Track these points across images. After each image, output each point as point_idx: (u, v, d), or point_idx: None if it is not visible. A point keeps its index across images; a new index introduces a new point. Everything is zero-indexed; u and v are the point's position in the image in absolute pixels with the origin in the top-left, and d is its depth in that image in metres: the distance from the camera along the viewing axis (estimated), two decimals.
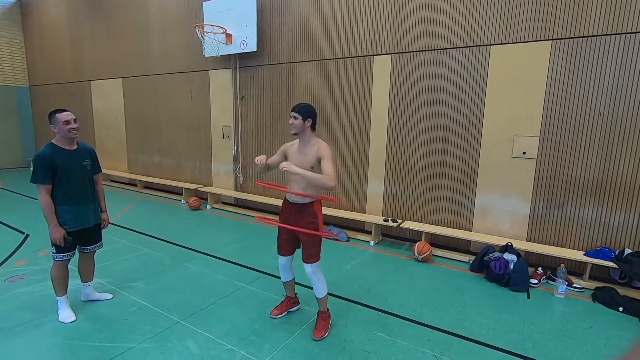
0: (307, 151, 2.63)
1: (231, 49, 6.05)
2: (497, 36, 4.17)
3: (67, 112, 2.81)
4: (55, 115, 2.76)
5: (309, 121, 2.61)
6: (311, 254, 2.71)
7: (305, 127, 2.61)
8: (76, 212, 2.84)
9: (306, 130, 2.63)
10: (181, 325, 2.87)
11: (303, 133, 2.64)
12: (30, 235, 4.86)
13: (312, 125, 2.65)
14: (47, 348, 2.56)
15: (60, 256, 2.82)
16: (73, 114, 2.82)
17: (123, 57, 8.21)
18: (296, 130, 2.62)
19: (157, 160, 8.11)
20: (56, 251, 2.80)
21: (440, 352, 2.62)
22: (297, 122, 2.59)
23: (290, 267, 2.94)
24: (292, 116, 2.61)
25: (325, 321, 2.84)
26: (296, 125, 2.60)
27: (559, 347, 2.72)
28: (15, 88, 10.71)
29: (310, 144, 2.64)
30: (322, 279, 2.79)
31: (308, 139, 2.65)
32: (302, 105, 2.64)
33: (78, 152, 2.89)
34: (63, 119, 2.75)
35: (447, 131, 4.60)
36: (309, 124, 2.62)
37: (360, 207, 5.43)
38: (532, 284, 3.73)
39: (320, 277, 2.78)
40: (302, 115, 2.59)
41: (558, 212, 4.06)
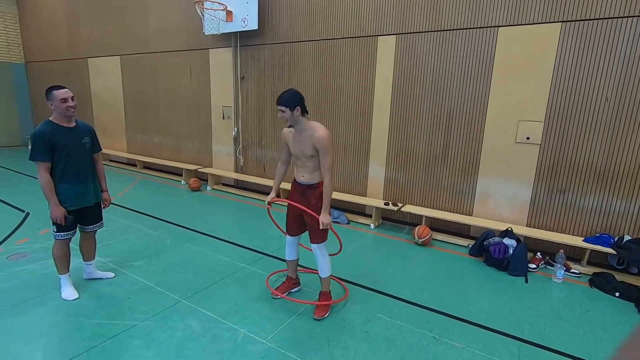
0: (303, 139, 2.59)
1: (232, 26, 5.89)
2: (505, 17, 4.06)
3: (65, 89, 2.73)
4: (53, 92, 2.69)
5: (298, 110, 2.51)
6: (316, 234, 2.74)
7: (295, 116, 2.52)
8: (76, 191, 2.81)
9: (298, 118, 2.54)
10: (183, 304, 2.90)
11: (295, 122, 2.57)
12: (31, 214, 4.86)
13: (302, 112, 2.55)
14: (52, 325, 2.59)
15: (60, 235, 2.82)
16: (71, 92, 2.75)
17: (121, 34, 8.01)
18: (289, 122, 2.58)
19: (156, 140, 8.03)
20: (57, 230, 2.80)
21: (438, 333, 2.66)
22: (286, 114, 2.52)
23: (295, 246, 2.98)
24: (279, 110, 2.53)
25: (327, 301, 2.88)
26: (287, 118, 2.54)
27: (555, 330, 2.77)
28: (11, 64, 10.49)
29: (306, 131, 2.57)
30: (327, 259, 2.83)
31: (302, 126, 2.58)
32: (285, 95, 2.52)
33: (77, 130, 2.84)
34: (60, 96, 2.68)
35: (451, 115, 4.54)
36: (298, 112, 2.52)
37: (361, 191, 5.42)
38: (531, 268, 3.77)
39: (326, 257, 2.82)
40: (289, 106, 2.49)
41: (559, 198, 4.06)
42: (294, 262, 3.06)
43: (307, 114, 2.61)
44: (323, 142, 2.50)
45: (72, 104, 2.73)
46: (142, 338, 2.46)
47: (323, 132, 2.52)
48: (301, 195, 2.75)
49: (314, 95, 5.55)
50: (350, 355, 2.39)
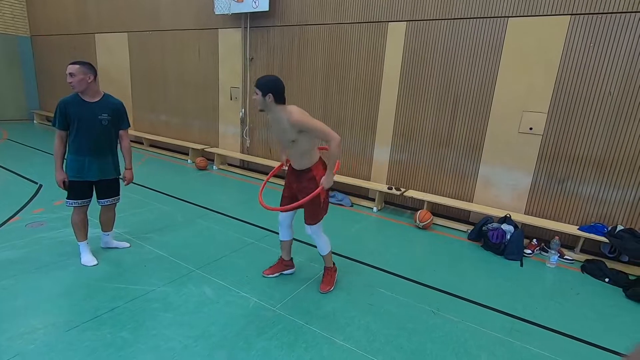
0: (281, 126, 2.54)
1: (242, 7, 5.90)
2: (515, 8, 4.11)
3: (72, 65, 2.80)
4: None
5: (270, 96, 2.45)
6: (309, 214, 2.77)
7: (267, 102, 2.47)
8: (79, 163, 2.90)
9: (270, 105, 2.49)
10: (196, 273, 3.07)
11: (268, 109, 2.52)
12: (44, 186, 4.99)
13: (275, 100, 2.48)
14: (74, 286, 2.76)
15: (69, 202, 2.96)
16: (74, 68, 2.77)
17: (130, 10, 7.97)
18: (260, 107, 2.54)
19: (163, 118, 8.11)
20: (67, 197, 2.95)
21: (437, 307, 2.84)
22: (258, 97, 2.48)
23: (289, 226, 2.98)
24: (254, 91, 2.50)
25: (332, 276, 3.01)
26: (258, 103, 2.51)
27: (547, 309, 2.95)
28: (17, 37, 10.43)
29: (282, 119, 2.51)
30: (323, 238, 2.87)
31: (277, 114, 2.52)
32: (263, 79, 2.48)
33: (97, 105, 2.90)
34: (66, 71, 2.80)
35: (457, 103, 4.64)
36: (270, 99, 2.46)
37: (365, 174, 5.55)
38: (526, 253, 3.94)
39: (321, 236, 2.86)
40: (262, 90, 2.45)
41: (558, 187, 4.19)
42: (287, 242, 3.05)
43: (283, 102, 2.53)
44: (301, 122, 2.44)
45: (69, 80, 2.78)
46: (160, 301, 2.63)
47: (296, 113, 2.45)
48: (296, 178, 2.78)
49: (322, 78, 5.61)
50: (354, 323, 2.57)
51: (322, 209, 2.78)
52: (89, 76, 2.83)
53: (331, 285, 2.97)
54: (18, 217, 3.94)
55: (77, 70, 2.78)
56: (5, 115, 10.48)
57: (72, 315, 2.42)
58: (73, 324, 2.34)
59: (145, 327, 2.37)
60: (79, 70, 2.79)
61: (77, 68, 2.79)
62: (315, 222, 2.78)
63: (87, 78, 2.82)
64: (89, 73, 2.84)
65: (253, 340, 2.31)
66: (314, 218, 2.78)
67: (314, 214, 2.76)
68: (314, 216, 2.77)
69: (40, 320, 2.36)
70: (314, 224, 2.79)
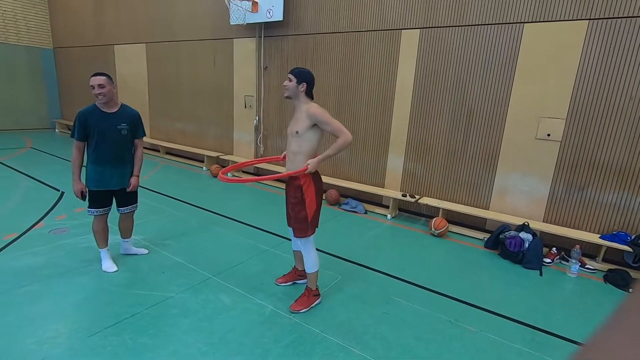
0: (298, 117, 2.54)
1: (257, 17, 6.02)
2: (531, 14, 4.08)
3: (97, 76, 2.85)
4: (90, 78, 2.87)
5: (303, 85, 2.49)
6: (296, 227, 2.67)
7: (298, 91, 2.50)
8: (101, 174, 2.97)
9: (300, 95, 2.52)
10: (213, 280, 3.11)
11: (297, 98, 2.53)
12: (66, 193, 5.15)
13: (306, 91, 2.53)
14: (96, 292, 2.83)
15: (90, 211, 3.05)
16: (102, 79, 2.83)
17: (147, 22, 8.22)
18: (289, 93, 2.52)
19: (179, 126, 8.28)
20: (88, 206, 3.04)
21: (454, 317, 2.80)
22: (291, 84, 2.49)
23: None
24: (288, 77, 2.51)
25: (308, 298, 2.75)
26: (289, 87, 2.50)
27: (567, 320, 2.88)
28: (40, 49, 10.85)
29: (302, 110, 2.53)
30: (311, 254, 2.71)
31: (301, 105, 2.54)
32: (299, 69, 2.54)
33: (115, 115, 2.97)
34: (90, 83, 2.84)
35: (472, 110, 4.60)
36: (302, 88, 2.50)
37: (379, 182, 5.54)
38: (546, 262, 3.86)
39: (311, 252, 2.71)
40: (297, 78, 2.48)
41: (577, 195, 4.11)
42: (298, 252, 3.02)
43: (311, 98, 2.58)
44: (318, 115, 2.46)
45: (99, 91, 2.83)
46: (178, 307, 2.68)
47: (317, 108, 2.50)
48: (287, 188, 2.75)
49: (335, 86, 5.66)
50: (370, 332, 2.56)
51: (310, 224, 2.65)
52: (113, 86, 2.94)
53: (304, 307, 2.71)
54: (42, 223, 4.08)
55: (105, 81, 2.86)
56: (29, 125, 10.87)
57: (95, 321, 2.48)
58: (96, 329, 2.40)
59: (164, 332, 2.41)
60: (107, 81, 2.88)
61: (105, 79, 2.87)
62: (302, 235, 2.66)
63: (113, 88, 2.93)
64: (113, 83, 2.95)
65: (270, 348, 2.33)
66: (302, 230, 2.65)
67: (300, 228, 2.65)
68: (300, 230, 2.65)
69: (64, 325, 2.43)
70: (301, 237, 2.67)
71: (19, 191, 5.15)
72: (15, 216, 4.22)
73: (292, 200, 2.63)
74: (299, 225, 2.64)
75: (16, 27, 10.29)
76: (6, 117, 10.39)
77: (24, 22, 10.41)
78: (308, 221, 2.63)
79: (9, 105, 10.39)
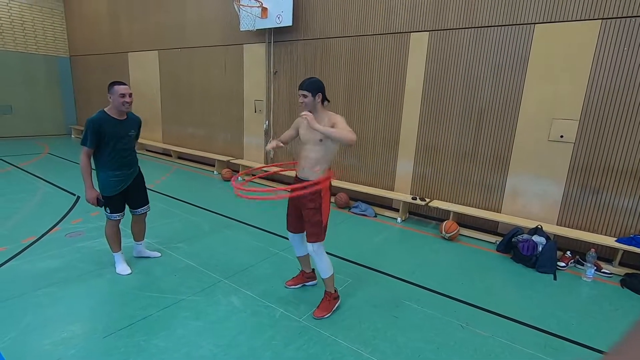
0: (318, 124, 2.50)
1: (266, 23, 6.09)
2: (542, 14, 4.04)
3: (125, 85, 2.96)
4: (114, 86, 2.93)
5: (319, 96, 2.51)
6: (311, 232, 2.62)
7: (316, 102, 2.51)
8: (119, 177, 3.07)
9: (317, 106, 2.53)
10: (224, 283, 3.14)
11: (315, 109, 2.54)
12: (81, 197, 5.27)
13: (322, 99, 2.55)
14: (110, 294, 2.89)
15: (114, 216, 3.12)
16: (129, 89, 2.97)
17: (159, 30, 8.40)
18: (309, 109, 2.53)
19: (190, 131, 8.41)
20: (110, 211, 3.10)
21: (465, 322, 2.77)
22: (308, 99, 2.49)
23: (301, 242, 2.92)
24: (301, 94, 2.50)
25: (329, 302, 2.74)
26: (307, 103, 2.50)
27: (583, 325, 2.82)
28: (57, 58, 11.18)
29: (320, 119, 2.51)
30: (324, 259, 2.68)
31: (319, 115, 2.55)
32: (309, 81, 2.51)
33: (126, 122, 3.07)
34: (120, 91, 2.91)
35: (482, 112, 4.57)
36: (319, 99, 2.51)
37: (388, 185, 5.53)
38: (560, 266, 3.78)
39: (323, 257, 2.68)
40: (312, 91, 2.47)
41: (592, 198, 4.02)
42: (304, 257, 3.02)
43: (327, 102, 2.60)
44: (337, 118, 2.48)
45: (129, 99, 2.96)
46: (190, 310, 2.72)
47: (337, 114, 2.54)
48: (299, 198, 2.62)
49: (344, 90, 5.68)
50: (380, 336, 2.55)
51: (324, 227, 2.65)
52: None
53: (327, 312, 2.70)
54: (58, 227, 4.18)
55: (131, 90, 3.00)
56: (46, 131, 11.19)
57: (109, 322, 2.54)
58: (110, 331, 2.45)
59: (176, 334, 2.45)
60: (130, 89, 3.00)
61: (129, 88, 2.99)
62: (316, 240, 2.63)
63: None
64: None
65: (280, 351, 2.34)
66: (315, 236, 2.63)
67: (315, 232, 2.62)
68: (314, 235, 2.63)
69: (79, 327, 2.49)
70: (315, 241, 2.63)
71: (37, 196, 5.30)
72: (33, 220, 4.34)
73: (309, 205, 2.57)
74: (314, 229, 2.61)
75: (35, 36, 10.63)
76: (25, 123, 10.73)
77: (42, 32, 10.75)
78: (322, 225, 2.63)
79: (27, 112, 10.73)
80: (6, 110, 10.37)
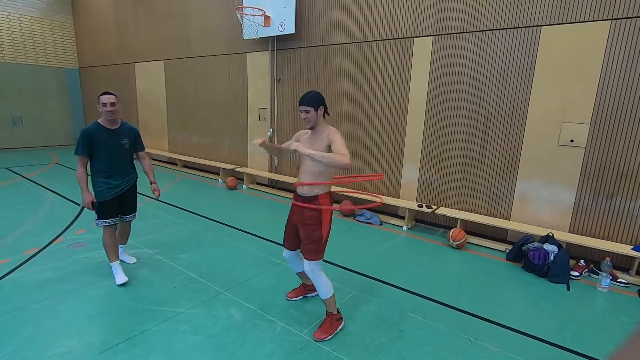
0: (316, 139, 2.47)
1: (269, 31, 6.10)
2: (549, 16, 3.94)
3: (108, 95, 3.07)
4: (99, 97, 3.09)
5: (321, 109, 2.45)
6: (308, 249, 2.50)
7: (319, 116, 2.45)
8: (111, 184, 3.15)
9: (320, 119, 2.47)
10: (224, 295, 3.07)
11: (317, 123, 2.48)
12: (85, 208, 5.27)
13: (324, 112, 2.49)
14: (109, 307, 2.84)
15: (101, 222, 3.16)
16: (113, 98, 3.07)
17: (165, 40, 8.49)
18: (313, 123, 2.47)
19: (195, 140, 8.43)
20: (97, 217, 3.15)
21: (474, 336, 2.65)
22: (310, 114, 2.42)
23: (296, 259, 2.81)
24: (303, 110, 2.42)
25: (332, 324, 2.59)
26: (311, 118, 2.44)
27: (599, 339, 2.68)
28: (67, 70, 11.39)
29: (321, 133, 2.47)
30: (322, 279, 2.54)
31: (320, 128, 2.49)
32: (309, 95, 2.44)
33: (118, 131, 3.17)
34: (102, 101, 3.06)
35: (489, 117, 4.46)
36: (321, 112, 2.45)
37: (394, 192, 5.43)
38: (573, 276, 3.64)
39: (321, 277, 2.54)
40: (314, 105, 2.41)
41: (606, 204, 3.88)
42: (302, 272, 2.91)
43: (328, 115, 2.55)
44: (334, 136, 2.37)
45: (109, 109, 3.05)
46: (189, 324, 2.65)
47: (336, 130, 2.45)
48: (299, 207, 2.54)
49: (348, 96, 5.62)
50: (384, 350, 2.44)
51: (323, 244, 2.54)
52: (119, 105, 3.15)
53: (329, 334, 2.54)
54: (62, 238, 4.18)
55: (116, 99, 3.10)
56: (55, 141, 11.35)
57: (106, 337, 2.48)
58: (107, 346, 2.39)
59: (174, 349, 2.38)
60: (116, 99, 3.11)
61: (115, 98, 3.12)
62: (313, 258, 2.50)
63: (119, 107, 3.16)
64: (119, 102, 3.16)
65: None
66: (312, 253, 2.50)
67: (313, 249, 2.50)
68: (312, 252, 2.50)
69: (77, 341, 2.44)
70: (312, 259, 2.51)
71: (43, 206, 5.32)
72: (37, 231, 4.35)
73: (307, 222, 2.48)
74: (313, 246, 2.50)
75: (45, 49, 10.85)
76: (35, 134, 10.90)
77: (52, 44, 10.98)
78: (322, 241, 2.52)
79: (37, 122, 10.91)
80: (17, 122, 10.56)
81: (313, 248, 2.50)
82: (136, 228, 4.43)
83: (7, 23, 9.99)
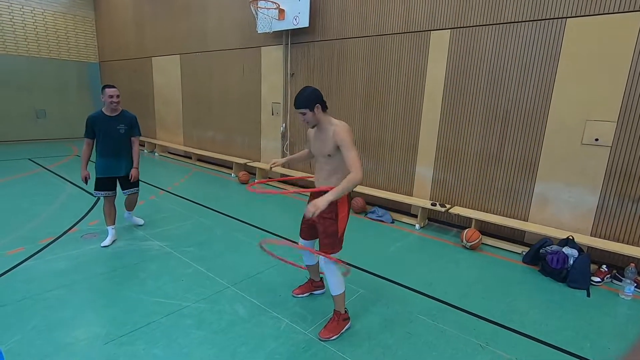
0: (323, 137, 2.42)
1: (283, 24, 6.04)
2: (574, 7, 3.73)
3: (113, 88, 3.65)
4: (105, 89, 3.64)
5: (317, 107, 2.37)
6: (325, 243, 2.48)
7: (317, 114, 2.39)
8: (106, 164, 3.75)
9: (319, 116, 2.40)
10: (231, 290, 3.06)
11: (318, 121, 2.43)
12: (101, 198, 5.37)
13: (322, 108, 2.42)
14: (116, 299, 2.87)
15: (97, 193, 3.83)
16: (117, 91, 3.65)
17: (181, 35, 8.55)
18: (313, 123, 2.43)
19: (210, 134, 8.49)
20: (94, 189, 3.83)
21: (485, 341, 2.55)
22: (307, 116, 2.37)
23: (311, 253, 2.81)
24: (300, 113, 2.39)
25: (338, 323, 2.55)
26: (310, 120, 2.40)
27: (621, 350, 2.53)
28: (88, 63, 11.65)
29: (325, 128, 2.42)
30: (336, 274, 2.50)
31: (324, 125, 2.43)
32: (301, 96, 2.36)
33: (117, 118, 3.72)
34: (108, 93, 3.62)
35: (508, 114, 4.28)
36: (318, 110, 2.38)
37: (406, 190, 5.31)
38: (594, 282, 3.46)
39: (334, 272, 2.50)
40: (308, 106, 2.34)
41: (632, 207, 3.66)
42: (313, 267, 2.92)
43: (327, 110, 2.46)
44: (341, 136, 2.30)
45: (116, 100, 3.64)
46: (193, 318, 2.64)
47: (342, 127, 2.35)
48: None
49: (362, 91, 5.52)
50: (390, 353, 2.37)
51: (340, 239, 2.50)
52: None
53: (334, 334, 2.50)
54: (76, 228, 4.26)
55: (118, 92, 3.67)
56: (76, 134, 11.62)
57: (112, 328, 2.50)
58: (111, 337, 2.41)
59: (177, 344, 2.37)
60: (119, 92, 3.69)
61: (118, 91, 3.68)
62: (330, 251, 2.47)
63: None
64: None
65: None
66: (330, 247, 2.47)
67: (329, 243, 2.47)
68: (328, 245, 2.47)
69: (83, 332, 2.46)
70: (329, 252, 2.47)
71: (61, 197, 5.45)
72: (53, 221, 4.45)
73: (324, 215, 2.40)
74: (329, 240, 2.46)
75: (67, 43, 11.11)
76: (58, 126, 11.21)
77: (75, 39, 11.23)
78: (338, 236, 2.47)
79: (60, 115, 11.21)
80: (40, 115, 10.88)
81: (329, 242, 2.47)
82: (148, 220, 4.50)
83: (31, 18, 10.27)
